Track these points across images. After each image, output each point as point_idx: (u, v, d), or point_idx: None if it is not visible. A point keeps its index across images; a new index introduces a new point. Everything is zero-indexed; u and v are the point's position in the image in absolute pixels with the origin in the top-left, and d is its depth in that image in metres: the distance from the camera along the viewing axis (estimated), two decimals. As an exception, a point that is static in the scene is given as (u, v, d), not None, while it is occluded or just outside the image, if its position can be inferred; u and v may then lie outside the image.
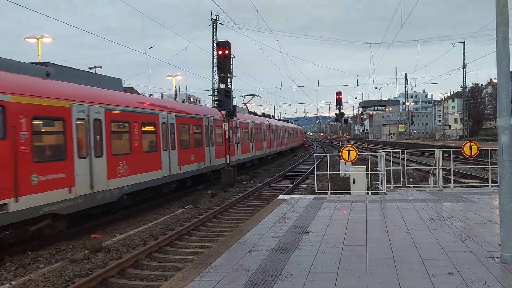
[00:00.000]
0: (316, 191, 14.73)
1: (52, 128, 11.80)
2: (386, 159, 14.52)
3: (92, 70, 43.23)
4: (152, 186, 16.69)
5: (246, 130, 31.69)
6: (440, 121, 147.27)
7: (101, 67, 43.73)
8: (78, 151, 12.35)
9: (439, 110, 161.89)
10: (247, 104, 39.02)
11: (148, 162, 16.36)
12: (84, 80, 14.05)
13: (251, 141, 32.81)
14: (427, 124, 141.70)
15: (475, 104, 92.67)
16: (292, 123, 72.40)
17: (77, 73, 14.32)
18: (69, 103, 12.18)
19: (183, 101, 24.55)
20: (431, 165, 16.65)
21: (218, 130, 25.26)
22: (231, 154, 25.56)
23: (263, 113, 52.83)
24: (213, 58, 42.01)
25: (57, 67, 13.08)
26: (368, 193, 13.99)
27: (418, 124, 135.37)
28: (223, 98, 23.17)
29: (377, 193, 13.83)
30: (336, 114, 42.63)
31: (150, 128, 17.05)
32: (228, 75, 23.76)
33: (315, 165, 17.04)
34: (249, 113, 38.55)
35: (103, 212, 14.38)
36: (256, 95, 40.19)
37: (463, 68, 73.56)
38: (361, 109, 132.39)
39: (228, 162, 24.32)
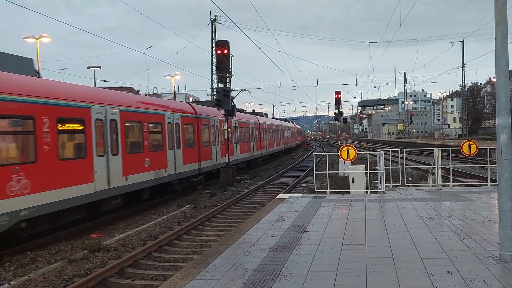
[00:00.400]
0: (315, 190, 14.74)
1: None
2: (385, 158, 14.52)
3: (91, 70, 43.18)
4: (80, 205, 12.73)
5: (229, 129, 28.18)
6: (439, 120, 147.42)
7: (99, 67, 43.70)
8: None
9: (438, 109, 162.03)
10: (233, 100, 35.49)
11: (70, 172, 12.21)
12: None
13: (235, 142, 28.93)
14: (426, 123, 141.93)
15: (474, 103, 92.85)
16: (289, 122, 67.72)
17: None
18: None
19: (146, 94, 19.22)
20: (430, 164, 16.65)
21: (188, 129, 20.98)
22: (206, 158, 22.59)
23: (253, 110, 48.98)
24: (212, 58, 42.03)
25: None
26: (367, 192, 13.99)
27: (417, 123, 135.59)
28: (222, 97, 23.16)
29: (376, 192, 13.83)
30: (335, 113, 42.67)
31: (75, 126, 12.94)
32: (227, 75, 23.78)
33: (314, 165, 17.00)
34: (236, 110, 35.38)
35: (102, 212, 14.37)
36: (244, 90, 34.54)
37: (462, 67, 73.67)
38: (360, 108, 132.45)
39: (227, 161, 24.35)
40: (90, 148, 13.24)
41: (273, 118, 64.24)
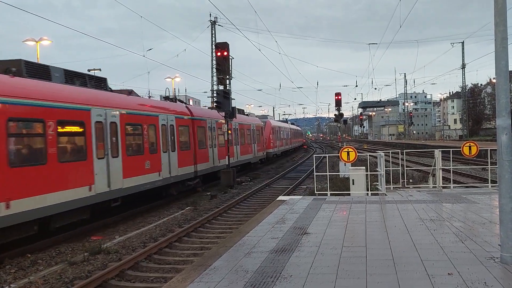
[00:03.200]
0: (316, 192, 14.71)
1: None
2: (385, 160, 14.50)
3: (91, 73, 43.33)
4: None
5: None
6: (439, 121, 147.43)
7: (100, 69, 43.73)
8: None
9: (439, 111, 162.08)
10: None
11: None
12: None
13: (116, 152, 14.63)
14: (426, 124, 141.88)
15: (475, 104, 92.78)
16: (248, 115, 36.15)
17: None
18: None
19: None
20: (431, 166, 16.64)
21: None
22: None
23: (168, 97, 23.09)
24: (212, 60, 42.05)
25: None
26: (367, 194, 13.98)
27: (418, 124, 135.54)
28: (222, 99, 23.16)
29: (377, 194, 13.81)
30: (335, 115, 42.65)
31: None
32: (227, 77, 23.78)
33: (314, 166, 17.00)
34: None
35: (102, 215, 14.37)
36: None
37: (462, 68, 73.65)
38: (360, 110, 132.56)
39: (227, 163, 24.33)
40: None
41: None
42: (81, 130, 12.98)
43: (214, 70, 36.68)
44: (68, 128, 12.69)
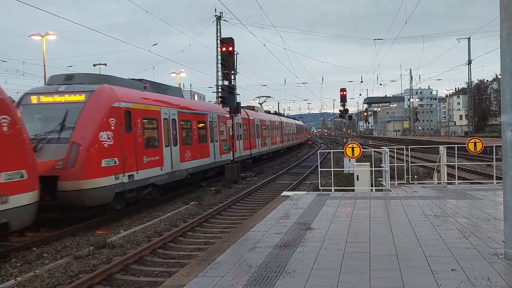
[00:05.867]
0: (320, 187, 14.71)
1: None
2: (390, 156, 14.47)
3: (97, 68, 43.35)
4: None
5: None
6: (445, 117, 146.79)
7: (105, 64, 43.81)
8: None
9: (444, 107, 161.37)
10: None
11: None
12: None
13: None
14: (432, 120, 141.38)
15: (481, 100, 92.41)
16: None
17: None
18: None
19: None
20: (436, 162, 16.59)
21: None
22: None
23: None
24: (217, 55, 42.06)
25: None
26: (372, 189, 13.97)
27: (423, 120, 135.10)
28: (227, 95, 23.18)
29: (381, 190, 13.80)
30: (340, 110, 42.57)
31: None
32: (232, 72, 23.78)
33: (318, 162, 17.00)
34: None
35: (107, 209, 14.44)
36: None
37: (468, 64, 73.19)
38: (365, 106, 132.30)
39: (232, 158, 24.37)
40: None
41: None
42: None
43: (219, 65, 36.66)
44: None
